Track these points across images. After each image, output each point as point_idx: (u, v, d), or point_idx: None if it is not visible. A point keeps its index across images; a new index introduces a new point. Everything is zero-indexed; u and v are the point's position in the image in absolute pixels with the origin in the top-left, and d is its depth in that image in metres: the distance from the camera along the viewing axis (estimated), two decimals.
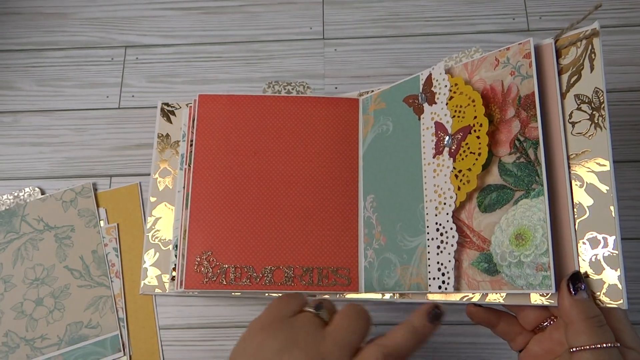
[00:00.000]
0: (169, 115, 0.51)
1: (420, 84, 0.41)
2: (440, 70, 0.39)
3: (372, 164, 0.44)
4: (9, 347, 0.45)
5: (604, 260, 0.31)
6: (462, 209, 0.37)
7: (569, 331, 0.30)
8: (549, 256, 0.32)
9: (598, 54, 0.33)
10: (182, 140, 0.49)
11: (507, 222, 0.34)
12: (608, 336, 0.29)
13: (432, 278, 0.37)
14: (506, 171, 0.35)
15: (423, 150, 0.39)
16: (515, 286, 0.33)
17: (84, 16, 0.58)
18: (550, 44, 0.35)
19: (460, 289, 0.36)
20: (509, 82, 0.36)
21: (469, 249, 0.36)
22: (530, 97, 0.34)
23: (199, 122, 0.44)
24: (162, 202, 0.49)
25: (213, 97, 0.45)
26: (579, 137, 0.33)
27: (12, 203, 0.50)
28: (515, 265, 0.33)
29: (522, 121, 0.35)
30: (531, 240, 0.33)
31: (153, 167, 0.50)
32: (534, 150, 0.34)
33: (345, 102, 0.46)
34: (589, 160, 0.32)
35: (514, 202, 0.34)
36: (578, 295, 0.30)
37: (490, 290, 0.34)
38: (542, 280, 0.32)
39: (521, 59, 0.35)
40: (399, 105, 0.42)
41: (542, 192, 0.33)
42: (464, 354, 0.44)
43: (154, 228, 0.48)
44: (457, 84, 0.38)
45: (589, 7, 0.54)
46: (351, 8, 0.57)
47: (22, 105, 0.55)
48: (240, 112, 0.45)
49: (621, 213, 0.46)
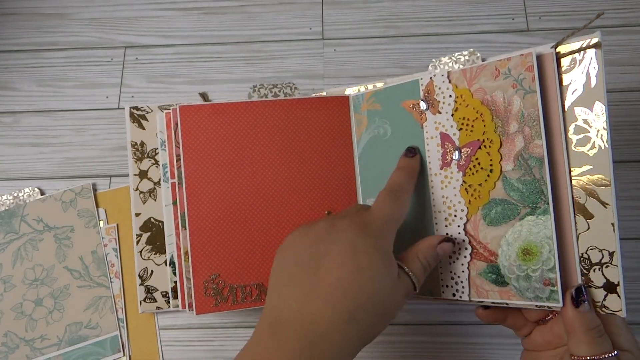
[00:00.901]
0: (140, 121, 0.48)
1: (421, 89, 0.40)
2: (443, 78, 0.39)
3: (369, 167, 0.43)
4: (9, 348, 0.45)
5: (605, 272, 0.32)
6: (467, 221, 0.38)
7: (571, 340, 0.32)
8: (556, 272, 0.33)
9: (599, 67, 0.32)
10: (161, 149, 0.46)
11: (513, 236, 0.35)
12: (606, 346, 0.31)
13: (445, 285, 0.38)
14: (511, 187, 0.35)
15: (428, 160, 0.39)
16: (524, 298, 0.35)
17: (84, 16, 0.58)
18: (551, 53, 0.34)
19: (470, 298, 0.37)
20: (511, 95, 0.35)
21: (477, 259, 0.37)
22: (533, 114, 0.34)
23: (184, 136, 0.42)
24: (149, 216, 0.47)
25: (195, 108, 0.42)
26: (581, 152, 0.33)
27: (12, 203, 0.49)
28: (523, 279, 0.35)
29: (525, 137, 0.35)
30: (538, 255, 0.34)
31: (132, 180, 0.47)
32: (538, 168, 0.34)
33: (335, 101, 0.44)
34: (591, 176, 0.33)
35: (520, 218, 0.35)
36: (581, 307, 0.32)
37: (499, 299, 0.36)
38: (550, 295, 0.33)
39: (523, 71, 0.35)
40: (396, 108, 0.42)
41: (548, 210, 0.34)
42: (464, 354, 0.44)
43: (144, 245, 0.46)
44: (463, 96, 0.38)
45: (588, 7, 0.54)
46: (351, 8, 0.57)
47: (21, 106, 0.55)
48: (226, 121, 0.43)
49: (622, 213, 0.47)
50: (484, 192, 0.36)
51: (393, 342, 0.45)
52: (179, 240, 0.43)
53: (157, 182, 0.47)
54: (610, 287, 0.32)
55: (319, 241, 0.32)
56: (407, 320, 0.46)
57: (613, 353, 0.31)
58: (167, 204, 0.45)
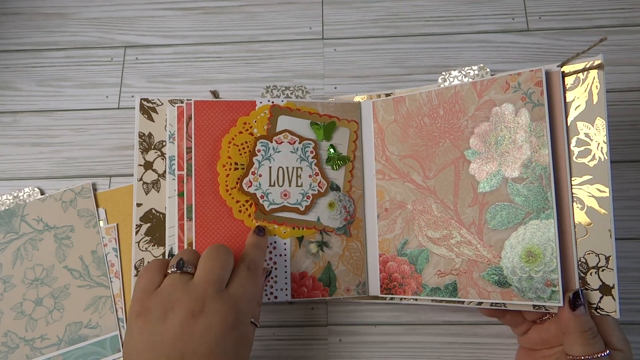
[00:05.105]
0: (150, 113, 0.48)
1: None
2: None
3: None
4: (9, 347, 0.45)
5: (601, 275, 0.35)
6: (471, 224, 0.39)
7: (566, 340, 0.34)
8: (558, 274, 0.35)
9: (601, 86, 0.36)
10: (169, 142, 0.46)
11: (517, 239, 0.37)
12: (599, 346, 0.34)
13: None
14: (517, 192, 0.38)
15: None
16: (525, 298, 0.36)
17: (84, 16, 0.58)
18: (558, 71, 0.37)
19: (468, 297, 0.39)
20: (520, 107, 0.38)
21: (480, 261, 0.39)
22: (540, 124, 0.37)
23: (196, 129, 0.43)
24: (150, 207, 0.46)
25: (210, 104, 0.44)
26: (581, 163, 0.36)
27: (12, 203, 0.50)
28: (525, 280, 0.37)
29: (532, 146, 0.37)
30: (541, 258, 0.36)
31: (136, 170, 0.46)
32: (544, 175, 0.37)
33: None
34: (590, 186, 0.36)
35: (524, 222, 0.37)
36: (577, 311, 0.34)
37: (500, 300, 0.38)
38: (551, 295, 0.35)
39: (532, 86, 0.38)
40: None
41: (551, 215, 0.36)
42: (463, 354, 0.44)
43: (143, 236, 0.46)
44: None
45: (588, 6, 0.54)
46: (350, 8, 0.57)
47: (21, 106, 0.55)
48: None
49: (621, 213, 0.47)
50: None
51: (393, 342, 0.45)
52: (181, 233, 0.43)
53: (162, 174, 0.47)
54: (606, 290, 0.35)
55: (180, 340, 0.31)
56: (407, 320, 0.46)
57: (605, 353, 0.33)
58: (172, 195, 0.45)
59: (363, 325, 0.46)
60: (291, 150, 0.43)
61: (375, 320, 0.46)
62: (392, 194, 0.43)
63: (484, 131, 0.40)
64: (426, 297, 0.40)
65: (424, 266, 0.41)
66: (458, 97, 0.41)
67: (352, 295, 0.43)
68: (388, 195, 0.43)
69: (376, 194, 0.44)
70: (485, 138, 0.39)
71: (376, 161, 0.44)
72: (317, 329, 0.46)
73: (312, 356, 0.45)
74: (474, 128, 0.40)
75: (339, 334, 0.46)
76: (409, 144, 0.43)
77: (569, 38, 0.53)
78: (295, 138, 0.43)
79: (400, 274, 0.42)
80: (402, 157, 0.43)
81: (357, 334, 0.46)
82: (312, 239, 0.43)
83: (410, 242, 0.42)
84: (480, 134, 0.40)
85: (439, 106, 0.42)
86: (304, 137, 0.43)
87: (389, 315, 0.46)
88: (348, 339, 0.45)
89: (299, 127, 0.44)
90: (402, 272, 0.41)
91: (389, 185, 0.43)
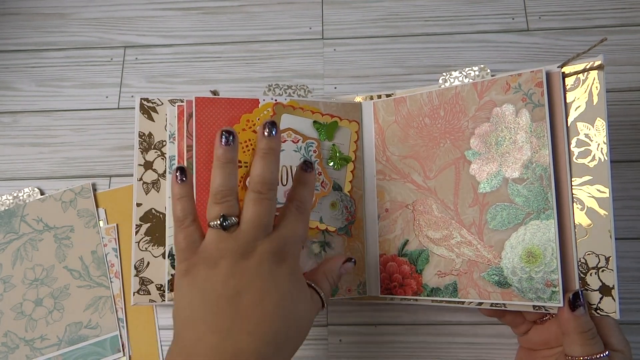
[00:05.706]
0: (150, 112, 0.47)
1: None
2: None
3: None
4: (9, 348, 0.45)
5: (601, 276, 0.35)
6: (472, 224, 0.39)
7: (566, 340, 0.34)
8: (558, 274, 0.35)
9: (601, 87, 0.36)
10: (169, 141, 0.46)
11: (517, 239, 0.37)
12: (599, 347, 0.34)
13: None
14: (517, 193, 0.38)
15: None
16: (525, 298, 0.36)
17: (83, 16, 0.58)
18: (558, 72, 0.37)
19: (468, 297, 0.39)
20: (520, 108, 0.38)
21: (480, 261, 0.39)
22: (541, 125, 0.37)
23: (197, 126, 0.42)
24: (150, 207, 0.46)
25: (211, 100, 0.43)
26: (581, 164, 0.36)
27: (12, 203, 0.49)
28: (526, 280, 0.37)
29: (533, 147, 0.37)
30: (541, 258, 0.36)
31: (136, 170, 0.46)
32: (544, 175, 0.37)
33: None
34: (590, 186, 0.36)
35: (524, 223, 0.37)
36: (577, 311, 0.34)
37: (500, 300, 0.38)
38: (552, 295, 0.35)
39: (533, 87, 0.38)
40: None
41: (551, 215, 0.36)
42: (463, 354, 0.44)
43: (143, 236, 0.45)
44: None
45: (588, 6, 0.54)
46: (350, 8, 0.57)
47: (21, 106, 0.55)
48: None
49: (621, 213, 0.47)
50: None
51: (393, 342, 0.45)
52: None
53: (162, 173, 0.47)
54: (606, 290, 0.35)
55: (232, 277, 0.31)
56: (407, 320, 0.46)
57: (605, 353, 0.33)
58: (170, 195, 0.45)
59: (363, 325, 0.46)
60: (294, 149, 0.43)
61: (376, 320, 0.46)
62: (392, 195, 0.43)
63: (484, 132, 0.40)
64: (426, 298, 0.40)
65: (424, 266, 0.41)
66: (459, 97, 0.41)
67: (353, 295, 0.43)
68: (388, 196, 0.43)
69: (377, 195, 0.44)
70: (486, 139, 0.39)
71: (377, 161, 0.44)
72: (317, 329, 0.46)
73: (312, 356, 0.45)
74: (474, 129, 0.40)
75: (339, 334, 0.46)
76: (409, 144, 0.43)
77: (569, 38, 0.53)
78: (299, 137, 0.43)
79: (401, 274, 0.42)
80: (403, 157, 0.43)
81: (357, 334, 0.46)
82: (314, 239, 0.42)
83: (410, 242, 0.42)
84: (480, 134, 0.40)
85: (439, 107, 0.42)
86: (307, 136, 0.43)
87: (389, 315, 0.46)
88: (348, 339, 0.46)
89: (301, 126, 0.44)
90: (403, 273, 0.41)
91: (389, 185, 0.43)
